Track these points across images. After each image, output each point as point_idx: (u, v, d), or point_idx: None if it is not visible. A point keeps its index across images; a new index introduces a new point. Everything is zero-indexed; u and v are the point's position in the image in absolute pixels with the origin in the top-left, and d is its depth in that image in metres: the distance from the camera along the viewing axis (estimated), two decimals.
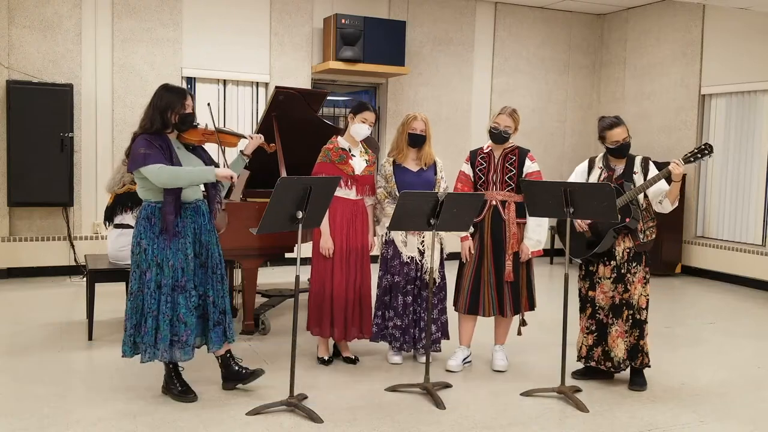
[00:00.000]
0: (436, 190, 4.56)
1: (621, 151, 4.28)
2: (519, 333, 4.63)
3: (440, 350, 4.69)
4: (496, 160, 4.51)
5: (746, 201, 8.11)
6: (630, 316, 4.24)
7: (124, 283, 5.46)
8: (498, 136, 4.47)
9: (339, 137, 4.62)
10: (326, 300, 4.49)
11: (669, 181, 4.13)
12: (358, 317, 4.57)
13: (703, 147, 4.14)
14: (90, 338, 5.04)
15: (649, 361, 4.33)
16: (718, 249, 8.28)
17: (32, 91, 6.99)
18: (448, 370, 4.56)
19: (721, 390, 4.39)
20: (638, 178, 4.25)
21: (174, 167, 3.70)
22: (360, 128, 4.51)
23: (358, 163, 4.55)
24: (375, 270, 4.73)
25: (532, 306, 4.59)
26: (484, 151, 4.56)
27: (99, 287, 5.16)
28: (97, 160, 7.49)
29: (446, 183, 4.68)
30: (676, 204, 4.23)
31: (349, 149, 4.56)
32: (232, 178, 3.86)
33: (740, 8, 7.39)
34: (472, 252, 4.50)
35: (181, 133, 3.88)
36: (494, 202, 4.48)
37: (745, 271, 7.94)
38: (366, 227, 4.62)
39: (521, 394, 4.16)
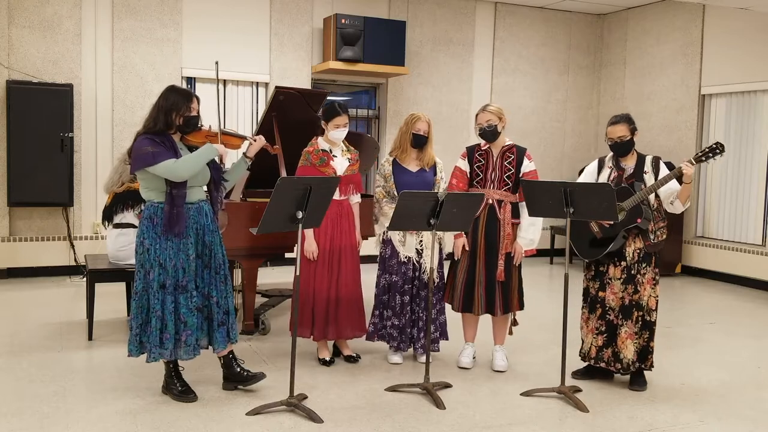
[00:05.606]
0: (436, 190, 4.56)
1: (615, 148, 4.28)
2: (510, 332, 4.63)
3: (438, 350, 4.70)
4: (494, 158, 4.50)
5: (746, 201, 8.10)
6: (640, 318, 4.22)
7: (124, 283, 5.48)
8: (485, 133, 4.46)
9: (319, 138, 4.56)
10: (308, 301, 4.49)
11: (680, 181, 4.10)
12: (345, 316, 4.54)
13: (714, 146, 4.08)
14: (90, 338, 5.04)
15: (653, 362, 4.32)
16: (718, 249, 8.28)
17: (32, 91, 6.99)
18: (461, 367, 4.59)
19: (721, 390, 4.39)
20: (649, 178, 4.22)
21: (184, 157, 3.75)
22: (336, 134, 4.49)
23: (340, 164, 4.53)
24: (375, 269, 4.74)
25: (521, 306, 4.59)
26: (482, 149, 4.55)
27: (99, 287, 5.16)
28: (97, 160, 7.49)
29: (446, 184, 4.67)
30: (689, 204, 4.21)
31: (330, 150, 4.53)
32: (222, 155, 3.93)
33: (740, 8, 7.39)
34: (467, 249, 4.50)
35: (184, 135, 3.89)
36: (490, 201, 4.47)
37: (745, 271, 7.93)
38: (352, 226, 4.61)
39: (521, 394, 4.16)
